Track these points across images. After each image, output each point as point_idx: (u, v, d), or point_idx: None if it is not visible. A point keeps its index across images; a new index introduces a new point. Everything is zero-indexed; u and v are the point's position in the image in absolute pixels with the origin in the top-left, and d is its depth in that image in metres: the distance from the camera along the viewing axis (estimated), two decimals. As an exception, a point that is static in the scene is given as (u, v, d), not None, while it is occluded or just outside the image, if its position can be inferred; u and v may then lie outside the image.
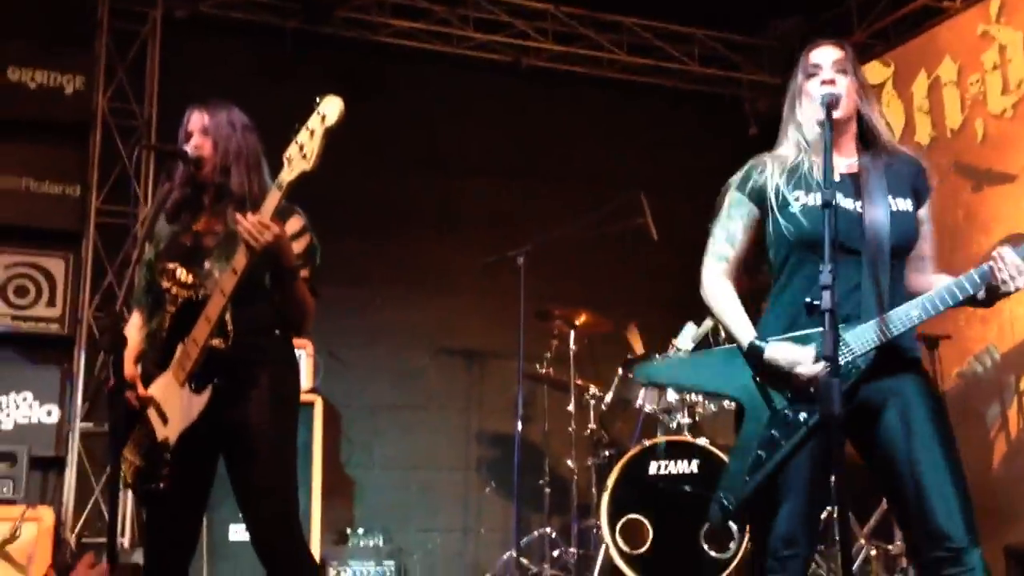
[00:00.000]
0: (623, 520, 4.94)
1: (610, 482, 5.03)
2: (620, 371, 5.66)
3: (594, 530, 5.22)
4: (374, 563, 5.73)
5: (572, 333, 5.73)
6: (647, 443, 5.06)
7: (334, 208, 6.05)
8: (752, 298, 2.97)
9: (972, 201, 6.12)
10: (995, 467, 5.79)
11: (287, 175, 2.98)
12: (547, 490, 5.71)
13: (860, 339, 2.61)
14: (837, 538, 3.99)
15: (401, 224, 6.73)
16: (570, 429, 5.65)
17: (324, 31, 6.67)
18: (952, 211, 6.18)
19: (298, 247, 3.21)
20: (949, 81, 6.43)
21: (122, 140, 6.16)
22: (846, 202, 2.68)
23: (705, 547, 4.79)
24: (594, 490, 5.44)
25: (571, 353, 5.70)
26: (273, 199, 3.02)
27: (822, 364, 2.49)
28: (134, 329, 3.37)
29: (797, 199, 2.69)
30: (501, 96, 7.16)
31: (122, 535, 5.57)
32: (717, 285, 2.80)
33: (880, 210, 2.64)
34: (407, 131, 6.85)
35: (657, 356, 5.27)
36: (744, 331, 2.71)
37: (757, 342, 2.67)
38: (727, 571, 4.71)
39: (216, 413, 3.11)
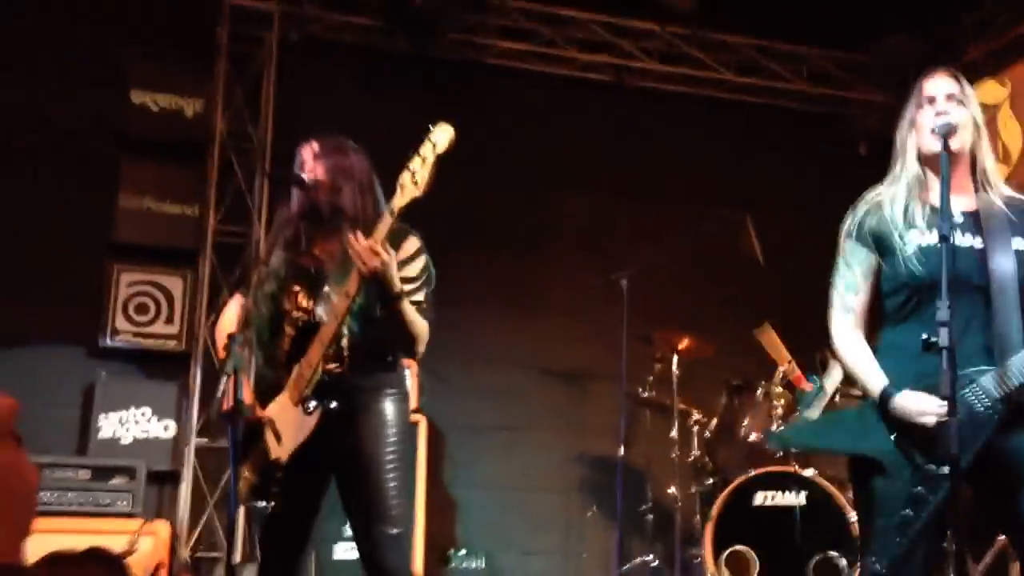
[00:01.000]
0: (728, 551, 4.89)
1: (714, 511, 4.99)
2: (724, 396, 5.60)
3: (697, 560, 5.16)
4: (476, 584, 5.78)
5: (675, 357, 5.69)
6: (752, 472, 5.00)
7: (437, 225, 6.06)
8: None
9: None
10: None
11: (399, 200, 3.07)
12: (649, 516, 5.67)
13: (989, 385, 2.53)
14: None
15: (502, 243, 6.77)
16: (673, 455, 5.61)
17: (431, 53, 6.77)
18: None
19: (412, 270, 3.28)
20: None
21: (238, 161, 6.33)
22: (965, 239, 2.63)
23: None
24: (698, 518, 5.37)
25: (674, 377, 5.66)
26: (385, 224, 3.10)
27: (940, 411, 2.44)
28: (231, 313, 3.49)
29: (913, 239, 2.64)
30: (604, 115, 7.15)
31: (235, 551, 5.69)
32: (846, 337, 2.73)
33: (1004, 248, 2.58)
34: (511, 151, 6.88)
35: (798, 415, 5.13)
36: (876, 381, 2.63)
37: (889, 389, 2.60)
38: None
39: (328, 435, 3.18)
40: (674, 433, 5.61)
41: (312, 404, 3.18)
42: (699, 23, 7.15)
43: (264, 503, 3.24)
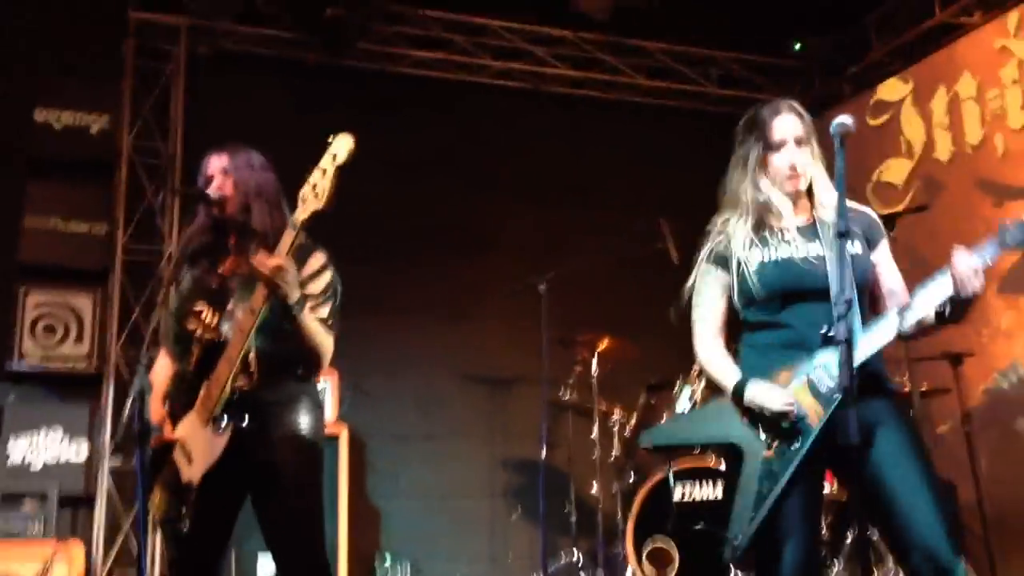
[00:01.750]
0: (649, 546, 4.95)
1: (635, 508, 5.05)
2: (643, 395, 5.67)
3: (620, 556, 5.21)
4: (402, 593, 5.77)
5: (595, 359, 5.75)
6: (672, 469, 5.06)
7: (357, 235, 6.11)
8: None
9: (993, 217, 6.09)
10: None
11: (300, 214, 3.05)
12: (573, 517, 5.72)
13: (832, 368, 2.76)
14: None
15: (423, 252, 6.78)
16: (595, 455, 5.67)
17: (346, 63, 6.75)
18: (973, 227, 6.15)
19: (316, 287, 3.26)
20: (968, 97, 6.42)
21: (148, 178, 6.26)
22: (809, 248, 2.88)
23: (732, 571, 4.77)
24: (620, 516, 5.43)
25: (594, 379, 5.71)
26: (288, 238, 3.08)
27: (789, 402, 2.75)
28: (161, 371, 3.42)
29: (754, 258, 2.91)
30: (521, 123, 7.21)
31: (153, 572, 5.62)
32: (706, 344, 3.02)
33: (839, 254, 2.75)
34: (428, 160, 6.91)
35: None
36: (730, 376, 2.90)
37: (741, 382, 2.86)
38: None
39: (240, 453, 3.15)
40: (595, 434, 5.66)
41: (223, 423, 3.15)
42: (612, 30, 7.24)
43: (178, 526, 3.20)
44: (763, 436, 2.80)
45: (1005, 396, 5.88)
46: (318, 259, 3.29)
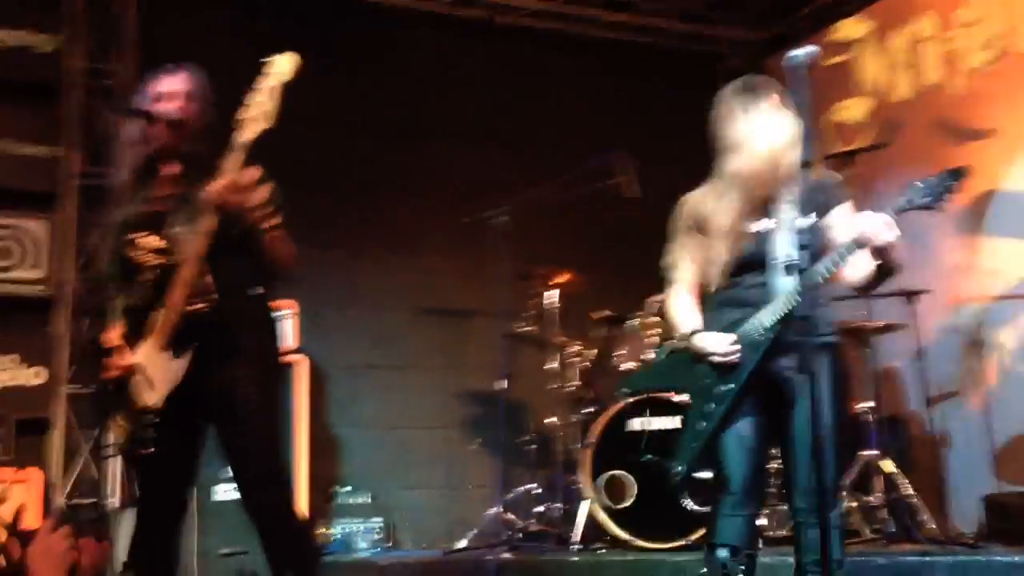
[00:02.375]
0: (606, 475, 5.02)
1: (592, 438, 5.11)
2: (602, 328, 5.71)
3: (577, 485, 5.29)
4: (361, 521, 5.82)
5: (555, 292, 5.78)
6: (628, 400, 5.12)
7: (313, 169, 6.06)
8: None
9: (951, 156, 6.12)
10: (974, 420, 5.86)
11: (244, 135, 3.03)
12: (532, 447, 5.78)
13: (762, 316, 3.05)
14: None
15: (380, 185, 6.73)
16: (553, 386, 5.72)
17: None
18: (931, 167, 6.11)
19: (263, 194, 3.20)
20: (929, 36, 6.44)
21: (100, 100, 6.12)
22: (761, 224, 3.12)
23: (687, 501, 4.86)
24: (578, 446, 5.50)
25: (553, 311, 5.75)
26: (234, 160, 3.05)
27: (728, 348, 3.06)
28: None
29: (722, 226, 3.14)
30: (477, 56, 7.13)
31: (112, 496, 5.61)
32: (675, 298, 3.32)
33: (788, 227, 3.02)
34: (383, 92, 6.83)
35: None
36: (686, 325, 3.22)
37: (694, 331, 3.18)
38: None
39: (199, 376, 3.15)
40: (554, 365, 5.71)
41: (180, 348, 3.14)
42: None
43: (141, 450, 3.19)
44: (707, 380, 3.11)
45: (958, 333, 5.99)
46: (255, 171, 3.16)
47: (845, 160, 5.28)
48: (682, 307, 3.27)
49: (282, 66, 3.02)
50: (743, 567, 3.05)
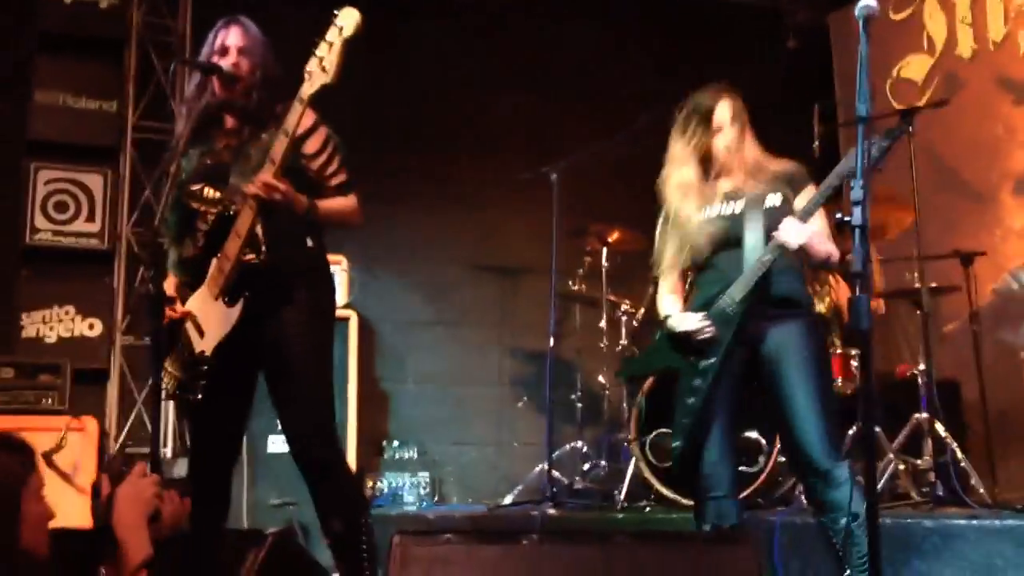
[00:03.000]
0: (653, 435, 5.01)
1: (640, 397, 5.10)
2: (652, 287, 5.68)
3: (624, 444, 5.29)
4: (409, 475, 5.87)
5: (605, 250, 5.75)
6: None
7: (369, 124, 6.05)
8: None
9: (1012, 115, 6.01)
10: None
11: (308, 88, 3.04)
12: (579, 405, 5.79)
13: (733, 291, 3.25)
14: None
15: (435, 140, 6.72)
16: (602, 345, 5.71)
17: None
18: (991, 126, 6.08)
19: (316, 143, 3.25)
20: (993, -8, 6.28)
21: (158, 55, 6.17)
22: (735, 206, 3.34)
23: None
24: (625, 405, 5.49)
25: (604, 270, 5.72)
26: (295, 114, 3.06)
27: (698, 325, 3.26)
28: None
29: (698, 215, 3.37)
30: (538, 11, 7.06)
31: (165, 446, 5.72)
32: (663, 284, 3.52)
33: (755, 211, 3.27)
34: (440, 48, 6.80)
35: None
36: (666, 310, 3.46)
37: (665, 316, 3.44)
38: (755, 485, 4.76)
39: (252, 326, 3.18)
40: (603, 323, 5.70)
41: (233, 297, 3.17)
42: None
43: (191, 397, 3.24)
44: (691, 357, 3.29)
45: (1014, 297, 5.88)
46: (308, 117, 3.17)
47: (904, 119, 5.16)
48: (663, 293, 3.50)
49: (348, 20, 3.00)
50: None
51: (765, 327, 3.25)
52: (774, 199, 3.33)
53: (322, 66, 3.00)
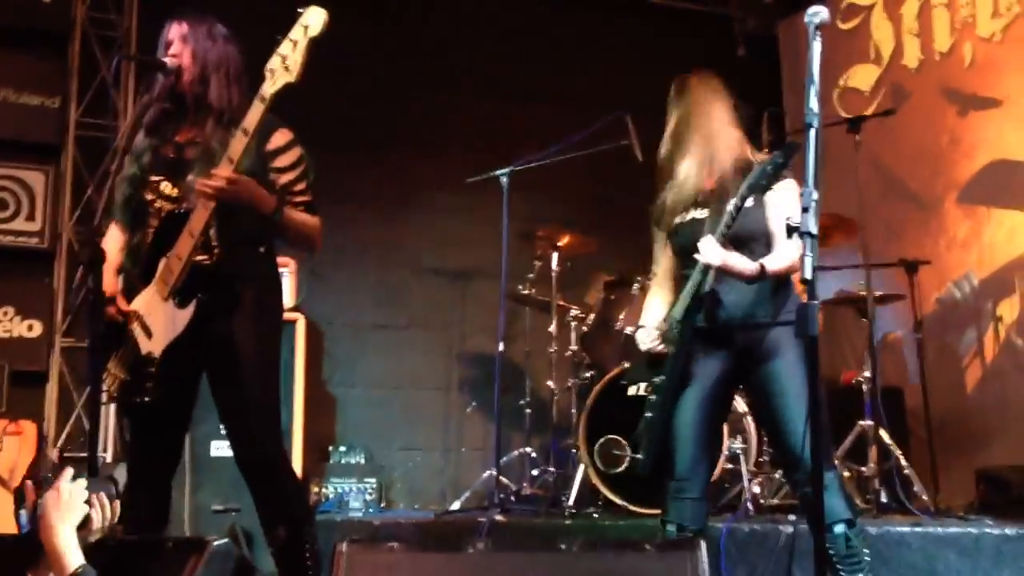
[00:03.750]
0: (601, 440, 5.00)
1: (588, 402, 5.08)
2: (601, 292, 5.67)
3: (573, 450, 5.28)
4: (356, 480, 5.80)
5: (555, 254, 5.74)
6: (627, 364, 5.08)
7: (318, 124, 5.94)
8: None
9: (957, 126, 6.10)
10: (969, 392, 5.86)
11: (270, 87, 2.98)
12: (528, 410, 5.77)
13: (674, 311, 3.30)
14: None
15: (385, 142, 6.67)
16: (551, 350, 5.70)
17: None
18: (937, 136, 6.17)
19: (287, 159, 3.23)
20: (939, 3, 6.37)
21: (102, 51, 6.06)
22: (697, 213, 3.35)
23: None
24: (574, 410, 5.48)
25: (554, 274, 5.71)
26: (256, 112, 3.01)
27: (648, 343, 3.36)
28: (112, 243, 3.35)
29: (674, 222, 3.40)
30: (487, 15, 7.04)
31: (104, 450, 5.61)
32: (653, 287, 3.56)
33: (717, 217, 3.22)
34: (392, 49, 6.76)
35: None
36: (639, 323, 3.49)
37: (635, 329, 3.49)
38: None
39: (200, 328, 3.12)
40: (552, 328, 5.68)
41: (183, 299, 3.11)
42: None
43: (137, 399, 3.17)
44: (650, 371, 3.35)
45: (957, 305, 5.97)
46: (284, 134, 3.24)
47: (852, 127, 5.22)
48: (648, 299, 3.54)
49: (314, 18, 2.94)
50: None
51: (751, 336, 3.26)
52: (749, 202, 3.22)
53: (285, 65, 2.95)
